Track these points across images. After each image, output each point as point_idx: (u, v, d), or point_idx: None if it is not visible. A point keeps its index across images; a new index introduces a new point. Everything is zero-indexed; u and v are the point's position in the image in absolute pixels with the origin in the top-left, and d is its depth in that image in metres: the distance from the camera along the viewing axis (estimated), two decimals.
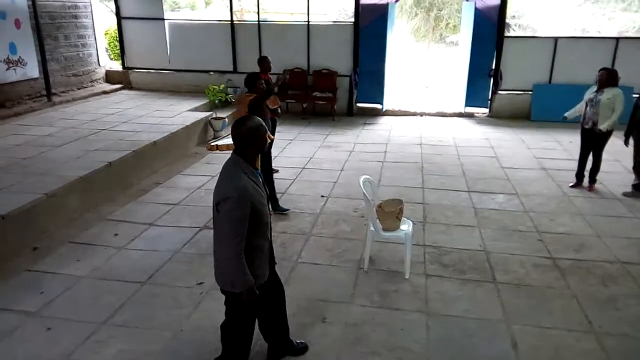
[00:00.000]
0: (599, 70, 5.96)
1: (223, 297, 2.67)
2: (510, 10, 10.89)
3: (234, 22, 10.75)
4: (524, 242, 4.76)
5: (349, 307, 3.68)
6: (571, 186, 6.29)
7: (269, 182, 5.07)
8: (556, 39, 9.89)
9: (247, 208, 2.33)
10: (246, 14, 18.63)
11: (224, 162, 2.54)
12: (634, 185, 5.96)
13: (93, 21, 10.86)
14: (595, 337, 3.35)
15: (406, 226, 4.22)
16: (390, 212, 4.11)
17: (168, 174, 6.67)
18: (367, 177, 4.33)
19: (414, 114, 10.75)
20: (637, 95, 7.53)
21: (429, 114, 10.73)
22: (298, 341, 3.16)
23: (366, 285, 4.00)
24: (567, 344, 3.28)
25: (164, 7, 11.15)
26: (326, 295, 3.84)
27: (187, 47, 10.88)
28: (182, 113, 8.66)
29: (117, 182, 5.94)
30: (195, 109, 9.04)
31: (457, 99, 10.94)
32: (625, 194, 5.92)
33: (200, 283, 3.96)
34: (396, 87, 12.48)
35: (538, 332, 3.40)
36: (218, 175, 2.54)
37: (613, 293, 3.88)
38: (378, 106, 10.68)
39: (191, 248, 4.57)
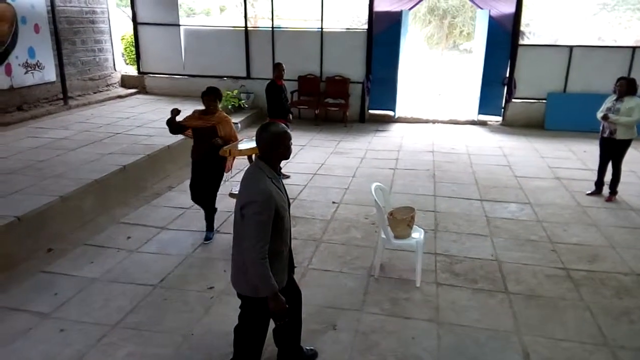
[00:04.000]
0: (618, 80, 5.90)
1: (234, 302, 2.68)
2: (524, 19, 10.81)
3: (248, 29, 10.85)
4: (536, 252, 4.71)
5: (360, 315, 3.67)
6: (588, 194, 6.22)
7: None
8: (571, 48, 9.82)
9: (272, 212, 2.36)
10: (260, 20, 18.80)
11: (234, 167, 2.56)
12: None
13: (110, 26, 11.04)
14: (609, 350, 3.30)
15: (417, 234, 4.21)
16: (401, 220, 4.10)
17: (181, 177, 6.73)
18: (379, 184, 4.33)
19: (427, 122, 10.72)
20: None
21: (442, 122, 10.70)
22: (308, 348, 3.16)
23: (377, 292, 3.99)
24: (580, 356, 3.24)
25: (180, 13, 11.29)
26: (337, 302, 3.83)
27: (202, 53, 11.01)
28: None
29: (130, 185, 6.01)
30: None
31: (470, 106, 10.89)
32: None
33: (211, 287, 3.98)
34: (409, 94, 12.46)
35: (550, 343, 3.36)
36: (240, 180, 2.57)
37: (627, 306, 3.82)
38: (390, 113, 10.67)
39: (202, 252, 4.60)
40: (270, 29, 10.75)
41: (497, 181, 6.79)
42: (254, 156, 4.08)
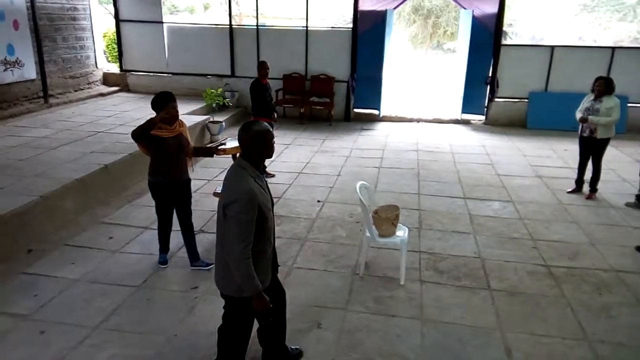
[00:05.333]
0: (596, 80, 5.99)
1: (218, 302, 2.66)
2: (507, 19, 10.94)
3: (233, 27, 10.78)
4: (518, 249, 4.78)
5: (344, 313, 3.68)
6: (569, 192, 6.32)
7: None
8: (553, 48, 9.96)
9: (255, 211, 2.35)
10: (245, 18, 18.69)
11: (218, 165, 2.54)
12: (637, 196, 5.93)
13: (91, 23, 10.86)
14: (588, 345, 3.36)
15: (402, 232, 4.23)
16: (386, 218, 4.12)
17: None
18: (364, 182, 4.34)
19: (411, 120, 10.78)
20: (632, 105, 7.60)
21: (426, 121, 10.77)
22: (293, 347, 3.15)
23: (361, 291, 4.00)
24: (561, 352, 3.29)
25: (163, 10, 11.17)
26: (321, 301, 3.83)
27: (185, 51, 10.90)
28: (180, 116, 8.64)
29: (113, 184, 5.93)
30: (193, 113, 9.03)
31: (453, 105, 10.98)
32: (628, 204, 5.92)
33: (195, 287, 3.95)
34: (393, 93, 12.52)
35: (532, 339, 3.41)
36: (223, 179, 2.55)
37: (607, 301, 3.90)
38: (375, 112, 10.71)
39: (186, 252, 4.55)
40: (255, 27, 10.70)
41: (480, 179, 6.86)
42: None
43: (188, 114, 8.88)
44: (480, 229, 5.24)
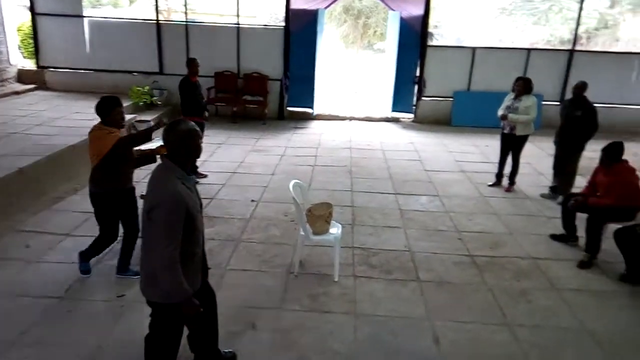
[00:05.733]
0: (516, 80, 6.40)
1: (146, 310, 2.56)
2: (432, 21, 11.39)
3: (160, 22, 10.40)
4: (445, 241, 5.01)
5: (279, 313, 3.68)
6: (490, 185, 6.71)
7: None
8: (474, 49, 10.51)
9: (182, 214, 2.26)
10: (173, 13, 18.06)
11: (148, 167, 2.45)
12: (550, 188, 6.43)
13: (2, 17, 10.05)
14: (509, 329, 3.59)
15: (335, 229, 4.30)
16: (319, 216, 4.16)
17: (86, 180, 6.28)
18: (297, 181, 4.36)
19: (344, 119, 10.96)
20: (546, 103, 8.18)
21: (358, 119, 10.99)
22: (226, 350, 3.10)
23: (296, 289, 4.02)
24: (484, 337, 3.49)
25: (83, 3, 10.56)
26: (256, 302, 3.81)
27: (109, 46, 10.38)
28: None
29: (29, 189, 5.53)
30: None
31: (384, 104, 11.29)
32: (542, 195, 6.38)
33: (121, 295, 3.78)
34: (326, 92, 12.66)
35: (457, 326, 3.59)
36: (148, 181, 2.44)
37: (525, 287, 4.18)
38: (309, 110, 10.77)
39: (112, 259, 4.34)
40: (184, 23, 10.40)
41: (409, 175, 7.12)
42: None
43: None
44: (410, 223, 5.43)
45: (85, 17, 10.38)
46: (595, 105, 5.97)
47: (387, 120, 10.92)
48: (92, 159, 3.83)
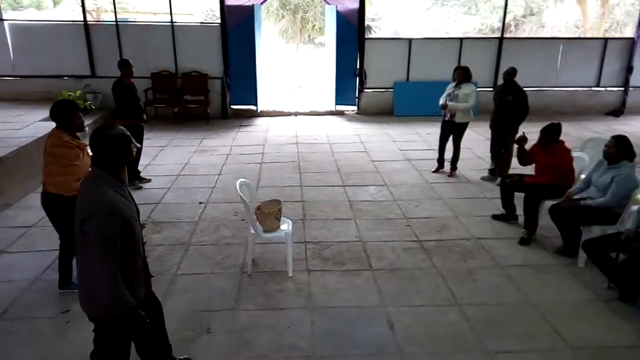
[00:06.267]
0: (455, 69, 6.63)
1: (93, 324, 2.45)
2: (369, 14, 11.57)
3: (88, 23, 9.92)
4: (394, 229, 5.12)
5: (234, 314, 3.63)
6: (433, 171, 6.92)
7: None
8: (410, 40, 10.78)
9: (118, 225, 2.15)
10: (103, 13, 17.30)
11: None
12: (489, 170, 6.72)
13: None
14: (458, 308, 3.73)
15: (286, 225, 4.29)
16: (269, 213, 4.14)
17: (20, 193, 5.94)
18: (244, 179, 4.31)
19: (289, 114, 10.94)
20: (480, 89, 8.49)
21: (303, 114, 11.01)
22: (181, 357, 3.03)
23: (250, 289, 3.98)
24: (436, 318, 3.61)
25: (2, 5, 9.89)
26: (209, 305, 3.74)
27: (35, 51, 9.80)
28: (33, 124, 7.77)
29: None
30: (48, 119, 8.15)
31: (327, 97, 11.36)
32: (482, 178, 6.65)
33: (66, 311, 3.59)
34: (270, 88, 12.58)
35: (411, 311, 3.69)
36: (78, 192, 2.31)
37: (471, 267, 4.36)
38: (253, 108, 10.66)
39: (53, 274, 4.11)
40: (114, 22, 9.97)
41: (356, 167, 7.21)
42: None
43: (43, 121, 8.02)
44: (360, 213, 5.51)
45: (5, 20, 9.73)
46: (525, 89, 6.30)
47: (332, 113, 11.00)
48: (45, 167, 3.66)
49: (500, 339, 3.36)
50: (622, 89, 11.24)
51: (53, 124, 3.72)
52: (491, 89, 9.11)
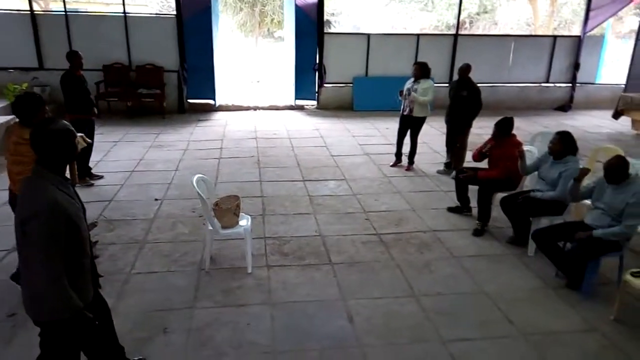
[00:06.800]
0: (414, 64, 6.73)
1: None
2: (329, 9, 11.59)
3: (35, 12, 9.45)
4: (353, 222, 5.17)
5: (192, 312, 3.56)
6: (391, 165, 7.03)
7: None
8: (369, 35, 10.87)
9: (62, 224, 2.04)
10: (52, 3, 16.53)
11: None
12: (445, 164, 6.88)
13: None
14: (415, 299, 3.81)
15: (245, 221, 4.24)
16: (227, 209, 4.08)
17: None
18: (201, 175, 4.23)
19: (248, 109, 10.83)
20: (437, 85, 8.69)
21: (262, 108, 10.92)
22: (136, 358, 2.95)
23: (209, 286, 3.92)
24: (395, 310, 3.67)
25: None
26: (166, 304, 3.65)
27: None
28: None
29: None
30: None
31: (287, 92, 11.32)
32: (438, 172, 6.80)
33: (12, 315, 3.42)
34: (228, 82, 12.40)
35: (370, 303, 3.73)
36: (18, 191, 2.19)
37: (428, 258, 4.45)
38: (211, 102, 10.48)
39: None
40: (63, 12, 9.53)
41: (316, 161, 7.22)
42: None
43: None
44: (320, 208, 5.53)
45: None
46: (479, 85, 6.48)
47: (292, 108, 10.96)
48: (10, 166, 3.49)
49: (455, 328, 3.46)
50: (570, 85, 11.77)
51: None
52: (447, 85, 9.33)
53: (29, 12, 9.37)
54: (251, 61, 19.65)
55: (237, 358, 3.11)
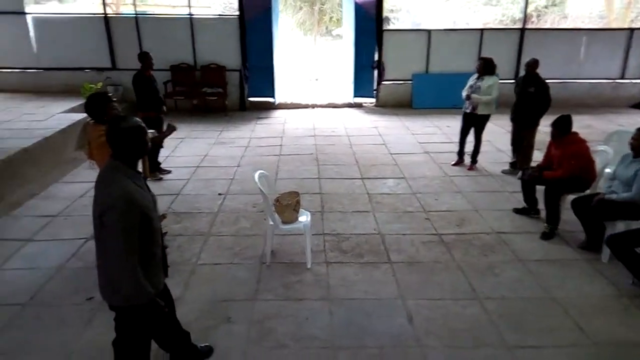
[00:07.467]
0: (478, 60, 6.54)
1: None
2: (388, 5, 11.47)
3: (108, 15, 10.03)
4: (413, 222, 5.09)
5: (254, 304, 3.66)
6: (453, 164, 6.86)
7: None
8: (429, 32, 10.64)
9: (137, 216, 2.16)
10: (122, 6, 17.45)
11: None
12: (511, 164, 6.63)
13: None
14: (478, 302, 3.70)
15: (304, 217, 4.30)
16: (287, 205, 4.15)
17: (44, 183, 6.07)
18: (262, 171, 4.33)
19: (306, 106, 10.93)
20: (501, 81, 8.40)
21: (321, 106, 10.99)
22: (202, 345, 3.08)
23: (269, 279, 4.01)
24: (456, 312, 3.59)
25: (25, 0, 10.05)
26: (229, 295, 3.78)
27: (57, 43, 9.95)
28: (56, 115, 7.91)
29: None
30: (71, 110, 8.29)
31: (345, 90, 11.31)
32: (503, 172, 6.56)
33: (90, 298, 3.67)
34: (287, 80, 12.59)
35: (430, 304, 3.67)
36: (95, 183, 2.32)
37: (491, 261, 4.31)
38: (270, 100, 10.68)
39: (77, 262, 4.22)
40: (134, 15, 10.05)
41: (375, 159, 7.18)
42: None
43: (65, 112, 8.16)
44: (378, 206, 5.49)
45: (28, 13, 9.89)
46: (547, 81, 6.17)
47: (350, 105, 10.95)
48: (98, 163, 3.73)
49: (520, 334, 3.33)
50: None
51: (75, 116, 3.76)
52: (512, 81, 8.96)
53: (102, 15, 9.96)
54: (310, 59, 19.81)
55: (298, 351, 3.17)
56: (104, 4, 9.99)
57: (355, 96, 10.85)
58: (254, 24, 9.98)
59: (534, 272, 4.12)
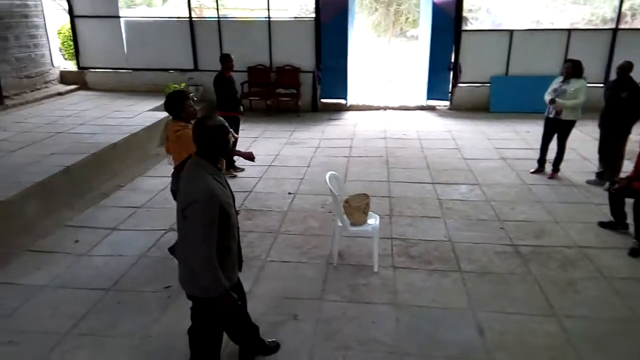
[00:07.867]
0: (565, 62, 6.16)
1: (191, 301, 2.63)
2: (467, 4, 11.10)
3: (193, 19, 10.56)
4: (486, 230, 4.89)
5: (320, 303, 3.70)
6: (532, 172, 6.51)
7: None
8: (511, 32, 10.17)
9: (216, 210, 2.28)
10: (205, 10, 18.31)
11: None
12: (597, 174, 6.19)
13: (45, 20, 10.43)
14: (556, 320, 3.48)
15: (373, 220, 4.27)
16: (356, 207, 4.15)
17: (129, 176, 6.51)
18: (333, 172, 4.35)
19: (378, 109, 10.85)
20: (590, 85, 7.90)
21: (392, 108, 10.86)
22: (269, 340, 3.15)
23: (336, 280, 4.02)
24: (531, 328, 3.40)
25: (119, 4, 10.84)
26: (296, 293, 3.84)
27: (145, 45, 10.62)
28: (142, 113, 8.46)
29: (75, 186, 5.75)
30: (156, 109, 8.84)
31: (418, 92, 11.10)
32: (588, 182, 6.14)
33: (168, 287, 3.89)
34: (359, 82, 12.57)
35: (502, 317, 3.51)
36: (180, 179, 2.48)
37: (572, 277, 4.04)
38: (342, 101, 10.72)
39: (157, 251, 4.48)
40: (216, 19, 10.52)
41: (447, 164, 6.98)
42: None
43: (151, 111, 8.71)
44: (449, 212, 5.34)
45: (121, 17, 10.65)
46: None
47: (423, 108, 10.73)
48: (176, 159, 3.89)
49: (603, 356, 3.10)
50: None
51: (159, 114, 3.97)
52: (601, 85, 8.35)
53: (188, 19, 10.51)
54: (383, 61, 19.68)
55: (363, 354, 3.16)
56: (190, 8, 10.54)
57: (428, 99, 10.61)
58: (330, 25, 10.07)
59: (620, 291, 3.81)
